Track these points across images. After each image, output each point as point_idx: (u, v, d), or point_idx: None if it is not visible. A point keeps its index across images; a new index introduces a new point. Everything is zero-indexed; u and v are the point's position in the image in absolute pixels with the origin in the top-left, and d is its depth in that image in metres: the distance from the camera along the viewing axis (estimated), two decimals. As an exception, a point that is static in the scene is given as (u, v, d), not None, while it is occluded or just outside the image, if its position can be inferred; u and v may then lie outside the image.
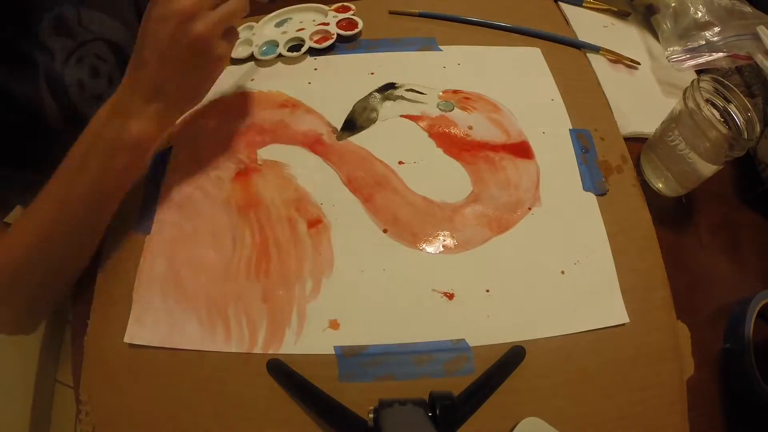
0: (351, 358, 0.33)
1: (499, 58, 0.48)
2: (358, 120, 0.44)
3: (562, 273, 0.36)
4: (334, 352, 0.33)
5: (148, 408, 0.32)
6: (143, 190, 0.41)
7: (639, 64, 0.48)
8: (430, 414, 0.27)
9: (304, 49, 0.48)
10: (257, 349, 0.33)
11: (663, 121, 0.39)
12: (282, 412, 0.31)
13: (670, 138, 0.37)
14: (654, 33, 0.51)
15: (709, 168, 0.36)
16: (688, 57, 0.46)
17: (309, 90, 0.46)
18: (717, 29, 0.46)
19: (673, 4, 0.48)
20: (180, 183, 0.41)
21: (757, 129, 0.35)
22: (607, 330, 0.34)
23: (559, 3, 0.54)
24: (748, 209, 0.42)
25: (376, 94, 0.45)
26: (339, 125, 0.43)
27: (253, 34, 0.50)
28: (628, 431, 0.31)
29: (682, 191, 0.40)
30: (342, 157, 0.41)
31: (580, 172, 0.40)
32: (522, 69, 0.47)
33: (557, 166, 0.41)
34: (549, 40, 0.49)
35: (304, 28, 0.50)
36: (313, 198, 0.39)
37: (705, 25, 0.46)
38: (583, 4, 0.53)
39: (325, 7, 0.51)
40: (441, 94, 0.45)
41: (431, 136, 0.43)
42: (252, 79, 0.47)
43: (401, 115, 0.44)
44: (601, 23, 0.52)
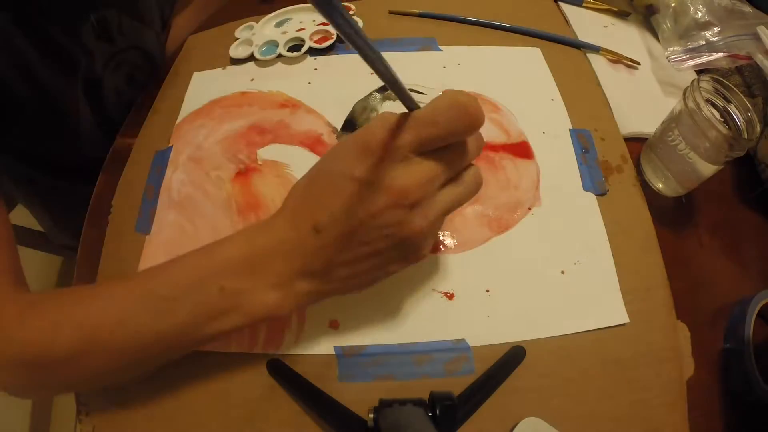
0: (351, 358, 0.33)
1: (499, 58, 0.48)
2: (358, 120, 0.44)
3: (562, 273, 0.36)
4: (334, 352, 0.33)
5: (148, 408, 0.32)
6: (143, 190, 0.40)
7: (639, 64, 0.48)
8: (430, 414, 0.27)
9: (304, 49, 0.48)
10: (257, 349, 0.33)
11: (663, 121, 0.39)
12: (282, 412, 0.31)
13: (670, 138, 0.37)
14: (654, 33, 0.51)
15: (709, 168, 0.36)
16: (688, 57, 0.46)
17: (309, 90, 0.46)
18: (717, 29, 0.46)
19: (673, 4, 0.48)
20: (180, 183, 0.41)
21: (757, 129, 0.35)
22: (607, 330, 0.34)
23: (559, 3, 0.54)
24: (748, 209, 0.42)
25: (376, 94, 0.45)
26: (339, 125, 0.43)
27: (253, 34, 0.50)
28: (628, 431, 0.31)
29: (682, 191, 0.39)
30: (342, 157, 0.41)
31: (580, 172, 0.40)
32: (522, 69, 0.47)
33: (557, 166, 0.41)
34: (549, 40, 0.49)
35: (304, 28, 0.50)
36: (313, 198, 0.39)
37: (705, 25, 0.46)
38: (583, 4, 0.53)
39: (325, 7, 0.51)
40: (441, 94, 0.45)
41: (431, 136, 0.42)
42: (252, 79, 0.47)
43: (401, 115, 0.44)
44: (601, 23, 0.52)
